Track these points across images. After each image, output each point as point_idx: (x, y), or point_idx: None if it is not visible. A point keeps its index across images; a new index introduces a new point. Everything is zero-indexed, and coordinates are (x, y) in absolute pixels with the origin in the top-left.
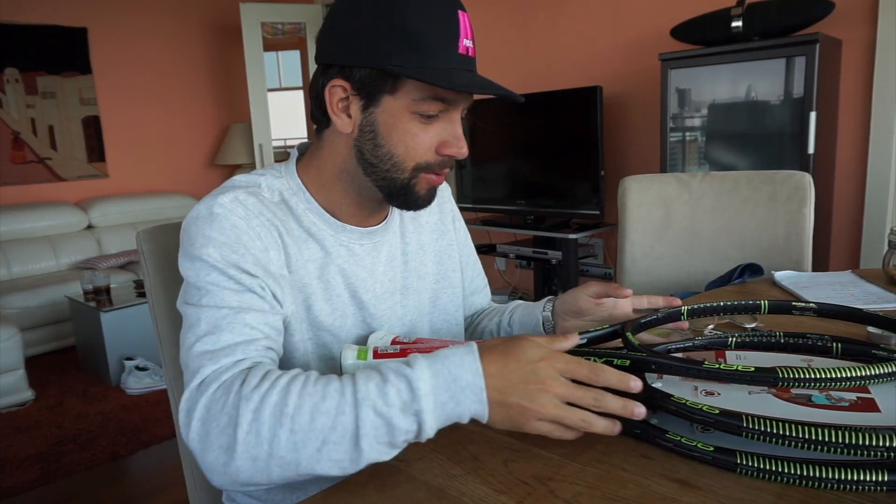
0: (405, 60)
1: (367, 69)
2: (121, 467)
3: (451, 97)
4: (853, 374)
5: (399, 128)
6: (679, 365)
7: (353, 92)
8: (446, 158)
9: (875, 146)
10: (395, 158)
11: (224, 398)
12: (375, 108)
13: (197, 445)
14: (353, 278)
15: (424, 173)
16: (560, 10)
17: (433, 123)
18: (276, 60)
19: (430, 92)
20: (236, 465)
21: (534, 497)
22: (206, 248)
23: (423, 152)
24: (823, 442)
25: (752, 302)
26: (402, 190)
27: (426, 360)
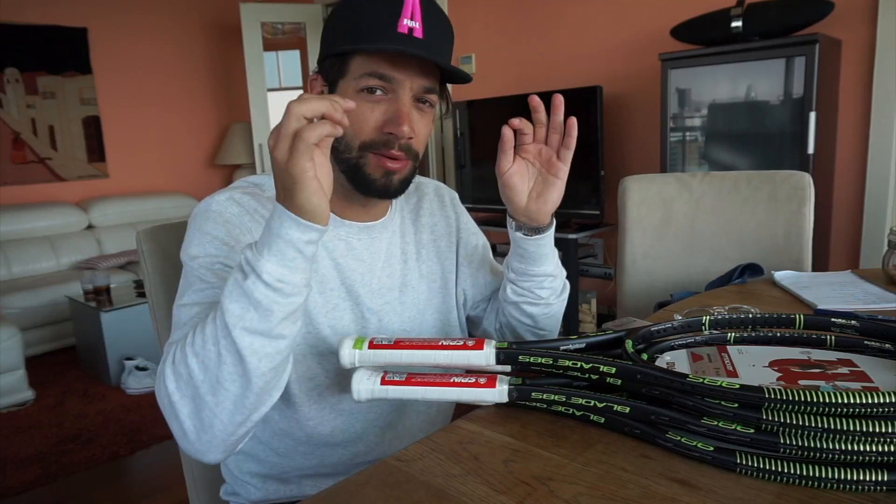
0: (347, 42)
1: (328, 59)
2: (121, 467)
3: (391, 74)
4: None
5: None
6: (663, 376)
7: (322, 82)
8: (390, 137)
9: (875, 146)
10: (345, 138)
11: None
12: (335, 93)
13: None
14: (350, 272)
15: (372, 153)
16: (560, 10)
17: (380, 103)
18: (276, 60)
19: (368, 68)
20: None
21: (534, 497)
22: (198, 241)
23: (367, 130)
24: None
25: (787, 315)
26: (354, 171)
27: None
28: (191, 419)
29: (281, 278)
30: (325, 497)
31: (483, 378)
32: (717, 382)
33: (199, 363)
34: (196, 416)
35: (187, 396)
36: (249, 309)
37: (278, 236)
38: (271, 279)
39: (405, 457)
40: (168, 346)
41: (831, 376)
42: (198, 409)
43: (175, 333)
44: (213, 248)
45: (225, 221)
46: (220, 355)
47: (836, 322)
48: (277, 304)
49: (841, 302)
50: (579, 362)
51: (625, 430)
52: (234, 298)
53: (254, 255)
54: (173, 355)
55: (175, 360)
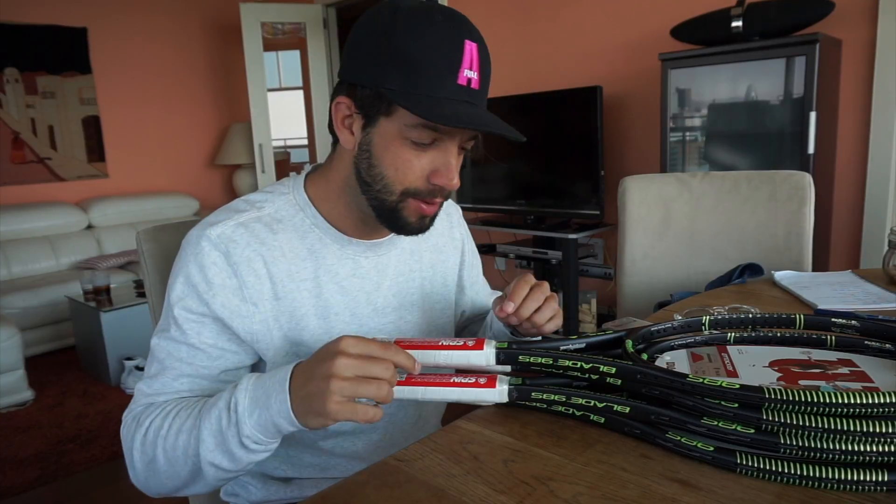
0: (398, 85)
1: (368, 89)
2: (121, 467)
3: (444, 128)
4: (846, 400)
5: (391, 151)
6: (663, 376)
7: (355, 110)
8: (436, 188)
9: (875, 146)
10: (385, 180)
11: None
12: (373, 129)
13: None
14: (355, 293)
15: (413, 199)
16: (560, 9)
17: (427, 151)
18: (276, 60)
19: (421, 120)
20: (141, 476)
21: (534, 497)
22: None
23: (413, 178)
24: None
25: (787, 315)
26: (390, 212)
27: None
28: (143, 479)
29: (258, 442)
30: (325, 497)
31: (483, 378)
32: (717, 382)
33: (165, 458)
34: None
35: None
36: (221, 450)
37: (270, 416)
38: (249, 442)
39: (405, 457)
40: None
41: (831, 376)
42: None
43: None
44: (191, 302)
45: (212, 263)
46: (185, 462)
47: (837, 322)
48: (248, 458)
49: (841, 302)
50: (579, 362)
51: (625, 430)
52: (212, 434)
53: (244, 410)
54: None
55: (146, 437)
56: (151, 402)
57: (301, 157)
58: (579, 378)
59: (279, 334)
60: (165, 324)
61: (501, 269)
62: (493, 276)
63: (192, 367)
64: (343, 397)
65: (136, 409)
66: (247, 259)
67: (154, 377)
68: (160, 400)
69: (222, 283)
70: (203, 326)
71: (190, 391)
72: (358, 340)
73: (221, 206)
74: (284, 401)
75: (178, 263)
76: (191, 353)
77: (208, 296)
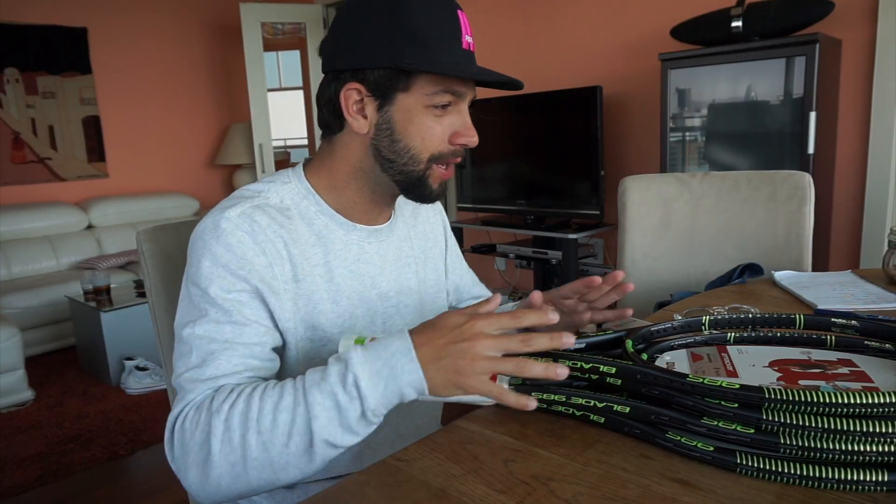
0: (417, 58)
1: (382, 70)
2: (121, 467)
3: (460, 89)
4: (846, 400)
5: (415, 122)
6: (663, 376)
7: (367, 93)
8: (458, 148)
9: (875, 146)
10: (412, 151)
11: (197, 417)
12: (391, 107)
13: (180, 465)
14: (362, 278)
15: (437, 165)
16: (560, 10)
17: (445, 116)
18: (276, 60)
19: (442, 85)
20: (217, 475)
21: (534, 497)
22: (209, 269)
23: (437, 143)
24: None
25: (787, 315)
26: (417, 182)
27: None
28: (220, 479)
29: (378, 415)
30: (325, 497)
31: None
32: (717, 382)
33: (259, 441)
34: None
35: (228, 462)
36: (338, 425)
37: (397, 387)
38: (371, 415)
39: (405, 457)
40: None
41: (831, 376)
42: (234, 476)
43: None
44: (226, 281)
45: (238, 242)
46: (288, 446)
47: (837, 322)
48: (365, 431)
49: (841, 302)
50: (579, 362)
51: (625, 430)
52: (326, 409)
53: (367, 384)
54: (225, 416)
55: (229, 422)
56: (214, 386)
57: (301, 157)
58: (579, 378)
59: (298, 317)
60: (198, 310)
61: (501, 269)
62: (493, 276)
63: (242, 347)
64: (485, 376)
65: (195, 399)
66: (270, 239)
67: (202, 365)
68: (224, 384)
69: (253, 259)
70: (242, 305)
71: (246, 369)
72: (489, 320)
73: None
74: (415, 371)
75: (198, 251)
76: (236, 330)
77: (244, 272)
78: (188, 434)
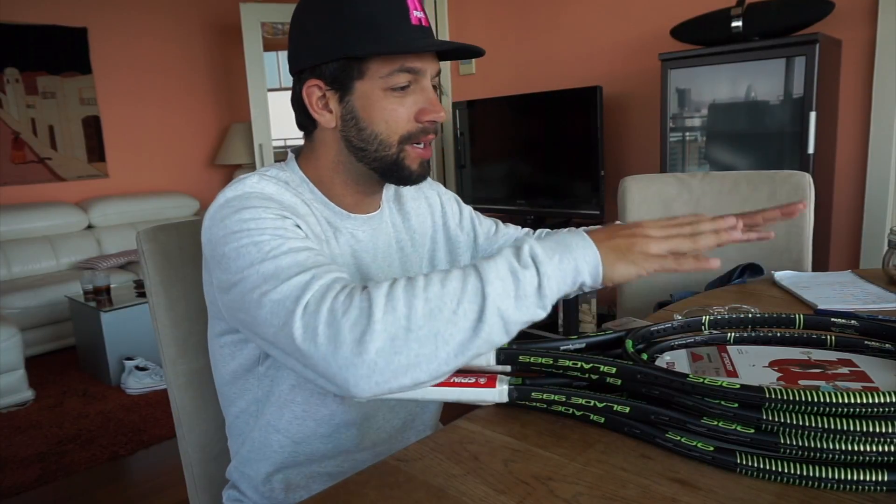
0: (364, 43)
1: (334, 62)
2: (121, 467)
3: (416, 65)
4: (846, 400)
5: (377, 107)
6: (663, 376)
7: (327, 88)
8: (427, 125)
9: (875, 146)
10: (380, 137)
11: (350, 297)
12: (351, 97)
13: (327, 349)
14: (358, 264)
15: (409, 145)
16: (560, 10)
17: (407, 95)
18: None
19: (395, 65)
20: (375, 349)
21: (534, 497)
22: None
23: (403, 123)
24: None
25: (787, 315)
26: (393, 166)
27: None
28: (378, 353)
29: (552, 292)
30: (325, 497)
31: (483, 378)
32: (717, 382)
33: (426, 308)
34: (385, 352)
35: (389, 333)
36: (513, 295)
37: (573, 258)
38: (548, 284)
39: (405, 457)
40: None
41: (831, 376)
42: (394, 349)
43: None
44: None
45: (270, 196)
46: (456, 314)
47: (836, 322)
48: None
49: (841, 302)
50: (579, 362)
51: (625, 430)
52: (501, 277)
53: (543, 253)
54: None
55: (392, 293)
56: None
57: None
58: (579, 378)
59: None
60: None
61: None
62: None
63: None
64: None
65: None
66: (291, 204)
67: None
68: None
69: (283, 216)
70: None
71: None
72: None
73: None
74: (589, 246)
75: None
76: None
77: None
78: (340, 313)
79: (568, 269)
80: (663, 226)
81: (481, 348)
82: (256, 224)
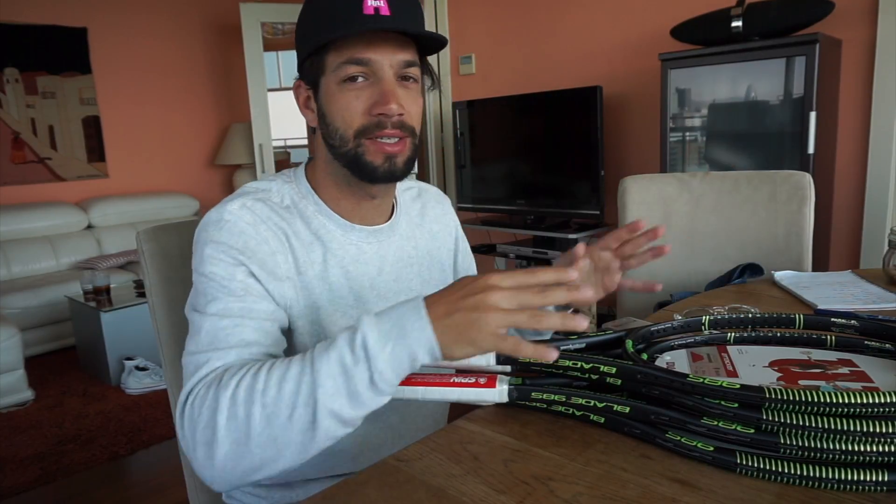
0: (315, 35)
1: (308, 60)
2: (121, 467)
3: (367, 56)
4: (846, 400)
5: (334, 101)
6: (663, 376)
7: (307, 86)
8: (381, 118)
9: (875, 146)
10: (339, 131)
11: (205, 393)
12: (319, 93)
13: (189, 444)
14: (360, 278)
15: (368, 140)
16: (560, 10)
17: (364, 89)
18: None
19: (343, 56)
20: (222, 454)
21: (534, 497)
22: (214, 254)
23: (357, 117)
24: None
25: (787, 315)
26: (354, 160)
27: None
28: (225, 458)
29: (387, 382)
30: (325, 497)
31: (483, 378)
32: (718, 382)
33: (263, 415)
34: (232, 457)
35: (232, 439)
36: (345, 394)
37: (406, 346)
38: (380, 379)
39: (405, 457)
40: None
41: (831, 376)
42: (238, 455)
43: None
44: (232, 265)
45: (240, 232)
46: (291, 420)
47: (836, 322)
48: (372, 401)
49: (841, 302)
50: (579, 362)
51: (625, 430)
52: (332, 376)
53: (375, 343)
54: (232, 391)
55: (236, 397)
56: (224, 364)
57: (301, 157)
58: (579, 378)
59: (301, 306)
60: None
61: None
62: None
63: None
64: (500, 329)
65: (206, 377)
66: (272, 229)
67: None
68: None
69: (256, 248)
70: (248, 286)
71: (257, 343)
72: (504, 274)
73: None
74: (425, 328)
75: (201, 242)
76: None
77: (244, 256)
78: (196, 411)
79: (402, 356)
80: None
81: (325, 443)
82: (210, 267)
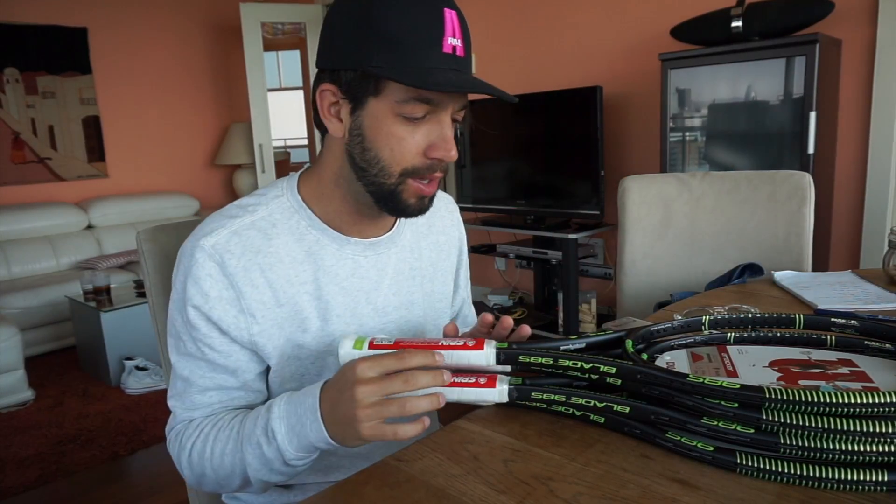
0: (385, 61)
1: (351, 72)
2: (121, 467)
3: (436, 98)
4: (846, 400)
5: (384, 130)
6: (663, 376)
7: (341, 96)
8: (435, 162)
9: (875, 146)
10: (382, 163)
11: (175, 444)
12: (362, 111)
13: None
14: (355, 293)
15: (412, 179)
16: (560, 10)
17: (420, 126)
18: (276, 60)
19: (413, 93)
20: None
21: (534, 497)
22: (180, 303)
23: (410, 156)
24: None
25: (787, 315)
26: (389, 196)
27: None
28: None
29: (301, 459)
30: (324, 497)
31: (483, 378)
32: (717, 382)
33: (215, 475)
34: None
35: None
36: (268, 470)
37: (308, 441)
38: (294, 460)
39: (405, 457)
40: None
41: (831, 376)
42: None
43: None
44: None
45: (207, 275)
46: (234, 479)
47: (836, 322)
48: (295, 471)
49: (841, 302)
50: (579, 362)
51: (625, 430)
52: (256, 458)
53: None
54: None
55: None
56: (188, 418)
57: (301, 157)
58: (579, 378)
59: (282, 340)
60: (176, 338)
61: (501, 269)
62: (493, 276)
63: (215, 382)
64: (374, 422)
65: (177, 427)
66: (243, 269)
67: (182, 395)
68: (196, 416)
69: (218, 295)
70: (212, 340)
71: (220, 402)
72: (372, 363)
73: (215, 213)
74: (320, 429)
75: (177, 276)
76: (210, 368)
77: (206, 308)
78: (172, 450)
79: (306, 448)
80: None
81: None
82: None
